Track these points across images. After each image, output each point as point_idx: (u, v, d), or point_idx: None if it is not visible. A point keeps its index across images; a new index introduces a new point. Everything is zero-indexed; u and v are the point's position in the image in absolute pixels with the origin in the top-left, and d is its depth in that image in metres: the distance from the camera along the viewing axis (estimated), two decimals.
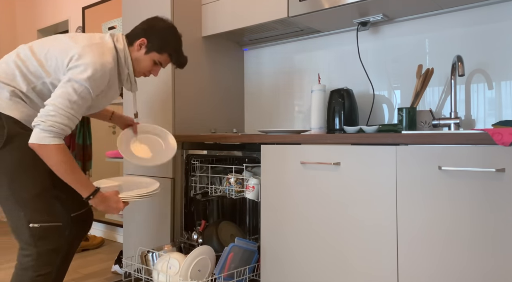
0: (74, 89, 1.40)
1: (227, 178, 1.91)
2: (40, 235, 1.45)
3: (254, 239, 2.22)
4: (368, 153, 1.43)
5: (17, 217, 1.44)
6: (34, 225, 1.44)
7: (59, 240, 1.50)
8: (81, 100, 1.42)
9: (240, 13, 2.12)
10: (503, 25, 1.70)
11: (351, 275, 1.47)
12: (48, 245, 1.47)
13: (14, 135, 1.44)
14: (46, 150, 1.37)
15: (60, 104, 1.38)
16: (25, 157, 1.45)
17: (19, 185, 1.44)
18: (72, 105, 1.40)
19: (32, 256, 1.45)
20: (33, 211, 1.45)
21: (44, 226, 1.46)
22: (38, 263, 1.45)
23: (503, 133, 1.15)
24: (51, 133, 1.36)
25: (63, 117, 1.38)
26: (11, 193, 1.43)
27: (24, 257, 1.46)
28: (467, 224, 1.24)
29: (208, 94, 2.32)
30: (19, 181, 1.44)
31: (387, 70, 2.01)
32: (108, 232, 3.44)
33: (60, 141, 1.39)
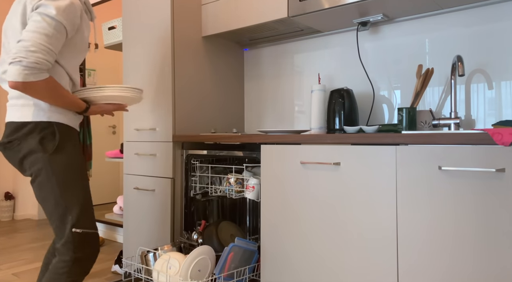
0: (48, 24, 1.36)
1: (227, 178, 1.91)
2: (81, 241, 1.45)
3: (254, 239, 2.22)
4: (368, 153, 1.43)
5: (63, 221, 1.44)
6: (76, 230, 1.44)
7: (95, 248, 1.51)
8: (58, 34, 1.38)
9: (240, 13, 2.12)
10: (503, 25, 1.70)
11: (351, 275, 1.47)
12: (85, 252, 1.47)
13: (65, 140, 1.46)
14: (35, 87, 1.34)
15: (38, 39, 1.33)
16: (75, 161, 1.47)
17: (71, 189, 1.45)
18: (50, 40, 1.36)
19: (69, 261, 1.44)
20: (79, 216, 1.45)
21: (86, 232, 1.46)
22: (73, 269, 1.45)
23: (503, 133, 1.15)
24: (35, 70, 1.32)
25: (45, 53, 1.34)
26: (62, 198, 1.44)
27: (60, 262, 1.45)
28: (467, 224, 1.24)
29: (208, 94, 2.32)
30: (70, 185, 1.45)
31: (387, 70, 2.01)
32: (108, 232, 3.44)
33: (47, 75, 1.36)
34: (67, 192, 1.44)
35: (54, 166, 1.43)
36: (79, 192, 1.47)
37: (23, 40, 1.33)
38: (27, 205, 4.32)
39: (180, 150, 2.11)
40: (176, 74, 2.14)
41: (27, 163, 1.45)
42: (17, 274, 2.55)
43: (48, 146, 1.43)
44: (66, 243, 1.44)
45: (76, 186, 1.46)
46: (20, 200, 4.34)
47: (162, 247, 1.89)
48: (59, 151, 1.44)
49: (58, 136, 1.44)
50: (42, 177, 1.43)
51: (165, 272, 1.68)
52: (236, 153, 1.90)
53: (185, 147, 2.12)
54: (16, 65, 1.30)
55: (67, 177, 1.45)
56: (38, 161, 1.43)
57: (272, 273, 1.69)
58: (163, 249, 1.87)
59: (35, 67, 1.32)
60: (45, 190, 1.44)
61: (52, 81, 1.39)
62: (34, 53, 1.32)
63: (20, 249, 3.14)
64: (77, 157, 1.49)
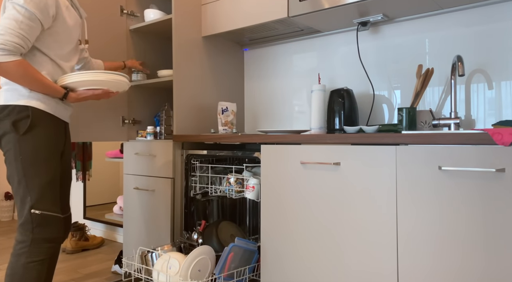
0: (17, 11, 1.43)
1: (227, 178, 1.91)
2: (39, 222, 1.49)
3: (254, 239, 2.22)
4: (368, 153, 1.43)
5: (23, 201, 1.49)
6: (35, 211, 1.48)
7: (56, 231, 1.53)
8: (28, 21, 1.45)
9: (240, 13, 2.12)
10: (503, 25, 1.70)
11: (352, 275, 1.47)
12: (44, 234, 1.50)
13: (37, 124, 1.52)
14: (5, 68, 1.42)
15: (7, 24, 1.42)
16: (44, 145, 1.53)
17: (34, 170, 1.50)
18: (20, 25, 1.43)
19: (26, 242, 1.48)
20: (39, 197, 1.50)
21: (45, 214, 1.50)
22: (32, 250, 1.48)
23: (503, 133, 1.15)
24: (4, 51, 1.40)
25: (13, 36, 1.41)
26: (25, 177, 1.49)
27: (18, 243, 1.50)
28: (467, 224, 1.24)
29: (208, 94, 2.32)
30: (34, 166, 1.50)
31: (387, 70, 2.01)
32: (108, 232, 3.44)
33: (18, 57, 1.43)
34: (30, 173, 1.50)
35: (22, 146, 1.49)
36: (43, 175, 1.51)
37: None
38: None
39: (180, 149, 2.11)
40: (176, 74, 2.14)
41: (2, 142, 1.53)
42: None
43: (20, 127, 1.50)
44: (25, 223, 1.48)
45: (41, 169, 1.51)
46: None
47: (162, 247, 1.89)
48: (29, 133, 1.50)
49: (30, 119, 1.50)
50: (10, 156, 1.50)
51: (165, 272, 1.68)
52: (236, 153, 1.90)
53: (185, 147, 2.12)
54: None
55: (33, 158, 1.50)
56: (10, 140, 1.50)
57: (272, 273, 1.69)
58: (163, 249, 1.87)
59: (3, 49, 1.39)
60: (11, 168, 1.50)
61: (24, 64, 1.45)
62: (2, 36, 1.40)
63: None
64: (48, 142, 1.55)
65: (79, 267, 2.70)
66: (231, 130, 2.16)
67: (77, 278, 2.49)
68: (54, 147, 1.57)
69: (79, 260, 2.84)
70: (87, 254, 2.99)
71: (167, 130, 2.28)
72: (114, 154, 3.01)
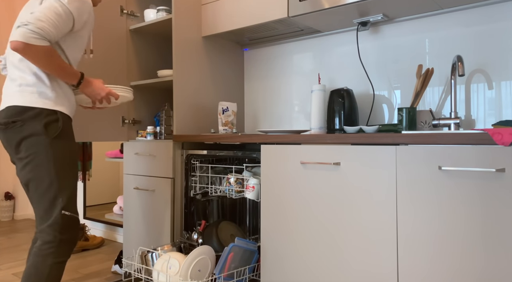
0: (60, 5, 1.49)
1: (227, 178, 1.91)
2: (67, 224, 1.54)
3: (254, 239, 2.22)
4: (368, 153, 1.43)
5: (53, 203, 1.52)
6: (65, 213, 1.53)
7: (77, 232, 1.59)
8: (66, 18, 1.51)
9: (240, 13, 2.12)
10: (503, 25, 1.70)
11: (352, 274, 1.47)
12: (70, 235, 1.55)
13: (65, 129, 1.57)
14: (35, 50, 1.44)
15: (48, 14, 1.46)
16: (71, 150, 1.59)
17: (65, 173, 1.55)
18: (58, 19, 1.49)
19: (54, 242, 1.51)
20: (69, 200, 1.55)
21: (72, 216, 1.56)
22: (59, 250, 1.52)
23: (503, 133, 1.15)
24: (39, 35, 1.43)
25: (51, 25, 1.46)
26: (57, 179, 1.53)
27: (44, 244, 1.51)
28: (467, 223, 1.24)
29: (208, 94, 2.32)
30: (66, 169, 1.56)
31: (387, 70, 2.01)
32: (108, 232, 3.44)
33: (48, 43, 1.47)
34: (61, 176, 1.54)
35: (55, 149, 1.53)
36: (70, 179, 1.57)
37: (35, 12, 1.45)
38: (27, 205, 4.32)
39: (180, 149, 2.11)
40: (176, 74, 2.14)
41: (26, 144, 1.53)
42: (17, 274, 2.55)
43: (51, 130, 1.53)
44: (53, 224, 1.51)
45: (69, 172, 1.57)
46: (20, 200, 4.34)
47: (162, 247, 1.89)
48: (60, 137, 1.55)
49: (61, 124, 1.55)
50: (41, 158, 1.52)
51: (165, 272, 1.68)
52: (236, 153, 1.90)
53: (185, 147, 2.12)
54: (23, 28, 1.40)
55: (64, 162, 1.55)
56: (39, 143, 1.52)
57: (272, 273, 1.69)
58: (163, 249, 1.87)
59: (39, 33, 1.42)
60: (42, 171, 1.52)
61: (52, 50, 1.49)
62: (42, 22, 1.44)
63: (20, 249, 3.14)
64: (74, 146, 1.61)
65: (79, 267, 2.70)
66: (231, 130, 2.16)
67: (77, 278, 2.50)
68: (77, 150, 1.64)
69: (79, 260, 2.85)
70: (87, 254, 2.99)
71: (167, 130, 2.28)
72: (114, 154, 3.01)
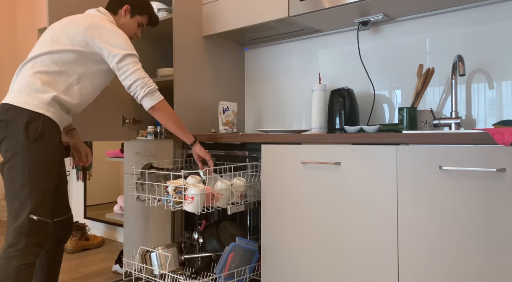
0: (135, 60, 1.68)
1: (165, 186, 1.65)
2: (34, 228, 1.54)
3: (255, 238, 2.22)
4: (368, 152, 1.43)
5: (22, 206, 1.53)
6: (33, 217, 1.53)
7: (45, 236, 1.59)
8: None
9: (240, 12, 2.12)
10: (503, 25, 1.70)
11: (352, 274, 1.47)
12: (37, 239, 1.55)
13: (46, 133, 1.57)
14: (165, 105, 1.69)
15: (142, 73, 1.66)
16: (49, 154, 1.58)
17: (39, 177, 1.55)
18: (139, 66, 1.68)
19: (20, 245, 1.52)
20: (38, 204, 1.55)
21: (41, 220, 1.56)
22: (24, 253, 1.52)
23: (503, 133, 1.15)
24: (156, 91, 1.67)
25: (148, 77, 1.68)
26: (29, 183, 1.54)
27: (10, 246, 1.52)
28: (467, 223, 1.24)
29: (208, 93, 2.32)
30: (40, 173, 1.56)
31: (387, 70, 2.01)
32: (109, 232, 3.44)
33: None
34: (36, 180, 1.54)
35: (32, 152, 1.54)
36: (44, 183, 1.57)
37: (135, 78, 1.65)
38: None
39: (180, 149, 2.11)
40: (176, 73, 2.14)
41: (5, 144, 1.55)
42: None
43: (31, 133, 1.54)
44: (20, 227, 1.52)
45: (43, 177, 1.57)
46: None
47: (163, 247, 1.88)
48: (39, 141, 1.56)
49: (41, 127, 1.56)
50: (17, 160, 1.53)
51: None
52: (236, 152, 1.90)
53: (185, 147, 2.12)
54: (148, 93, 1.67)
55: (40, 165, 1.55)
56: (18, 144, 1.53)
57: (272, 272, 1.69)
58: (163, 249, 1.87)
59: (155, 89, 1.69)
60: (17, 172, 1.54)
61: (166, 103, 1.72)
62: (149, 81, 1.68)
63: None
64: (53, 151, 1.61)
65: (79, 266, 2.70)
66: (231, 130, 2.16)
67: (77, 277, 2.50)
68: (57, 156, 1.63)
69: (80, 260, 2.85)
70: (87, 254, 2.99)
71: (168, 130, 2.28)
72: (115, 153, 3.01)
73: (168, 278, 1.73)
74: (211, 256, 1.85)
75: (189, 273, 1.85)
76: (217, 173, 1.80)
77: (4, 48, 4.30)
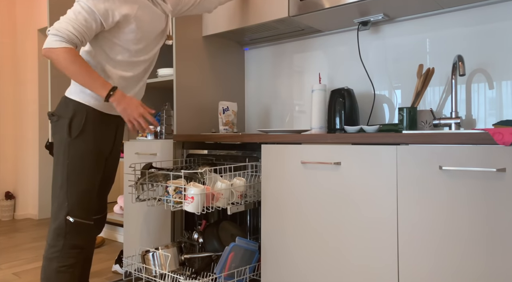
0: (80, 5, 1.46)
1: (165, 186, 1.66)
2: (72, 229, 1.51)
3: (255, 238, 2.22)
4: (368, 152, 1.43)
5: (61, 207, 1.50)
6: (69, 219, 1.50)
7: (86, 238, 1.56)
8: (86, 15, 1.45)
9: (240, 12, 2.12)
10: (503, 25, 1.70)
11: (352, 274, 1.47)
12: (75, 240, 1.52)
13: (88, 127, 1.52)
14: (55, 53, 1.42)
15: (67, 16, 1.46)
16: (92, 152, 1.53)
17: (77, 177, 1.51)
18: (77, 16, 1.45)
19: (58, 247, 1.50)
20: (75, 205, 1.51)
21: (78, 221, 1.52)
22: (63, 254, 1.50)
23: (504, 133, 1.15)
24: (57, 37, 1.42)
25: (68, 25, 1.43)
26: (67, 183, 1.50)
27: (50, 247, 1.51)
28: (467, 223, 1.24)
29: (208, 93, 2.32)
30: (78, 173, 1.51)
31: (387, 70, 2.01)
32: (109, 232, 3.44)
33: (68, 45, 1.43)
34: (73, 180, 1.50)
35: (72, 150, 1.50)
36: (84, 182, 1.52)
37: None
38: (27, 204, 4.32)
39: (180, 149, 2.11)
40: (176, 73, 2.14)
41: (55, 140, 1.53)
42: (17, 274, 2.55)
43: (73, 130, 1.50)
44: (58, 228, 1.50)
45: (84, 176, 1.52)
46: (20, 200, 4.34)
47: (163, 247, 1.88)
48: (80, 137, 1.51)
49: (83, 122, 1.51)
50: (59, 157, 1.51)
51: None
52: (236, 152, 1.90)
53: (185, 147, 2.12)
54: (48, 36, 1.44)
55: (79, 165, 1.51)
56: (61, 141, 1.50)
57: (272, 272, 1.69)
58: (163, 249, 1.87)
59: (56, 34, 1.42)
60: (57, 170, 1.51)
61: (73, 52, 1.43)
62: (59, 23, 1.44)
63: (20, 248, 3.14)
64: (96, 148, 1.55)
65: None
66: (231, 130, 2.16)
67: None
68: (101, 153, 1.57)
69: None
70: None
71: (168, 130, 2.28)
72: None
73: (168, 278, 1.73)
74: (211, 256, 1.85)
75: (189, 273, 1.85)
76: (217, 173, 1.80)
77: (4, 48, 4.30)
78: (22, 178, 4.34)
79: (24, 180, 4.33)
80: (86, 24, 1.45)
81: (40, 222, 4.09)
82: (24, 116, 4.32)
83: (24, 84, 4.32)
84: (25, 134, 4.32)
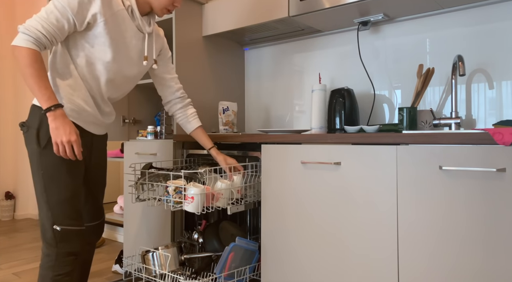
0: (54, 4, 1.41)
1: (165, 186, 1.65)
2: (62, 238, 1.48)
3: (255, 238, 2.22)
4: (368, 152, 1.43)
5: (46, 217, 1.48)
6: (56, 228, 1.47)
7: (78, 244, 1.52)
8: (59, 14, 1.40)
9: (240, 12, 2.12)
10: (503, 24, 1.70)
11: (352, 274, 1.47)
12: (68, 248, 1.49)
13: None
14: (18, 51, 1.37)
15: (39, 14, 1.40)
16: (63, 159, 1.47)
17: (54, 186, 1.47)
18: (49, 16, 1.39)
19: (52, 256, 1.48)
20: (59, 213, 1.48)
21: (66, 229, 1.49)
22: (58, 263, 1.48)
23: (503, 133, 1.15)
24: (25, 35, 1.37)
25: (38, 24, 1.38)
26: (45, 193, 1.47)
27: (45, 256, 1.49)
28: (467, 223, 1.24)
29: (208, 93, 2.32)
30: (55, 182, 1.47)
31: (387, 69, 2.01)
32: (109, 232, 3.44)
33: (34, 47, 1.38)
34: (51, 189, 1.47)
35: (43, 160, 1.46)
36: (63, 190, 1.48)
37: None
38: (27, 204, 4.32)
39: (180, 149, 2.11)
40: (177, 73, 2.14)
41: (28, 152, 1.51)
42: (17, 274, 2.55)
43: (41, 139, 1.46)
44: (48, 238, 1.48)
45: (61, 184, 1.47)
46: (20, 200, 4.34)
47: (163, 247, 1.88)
48: (50, 146, 1.45)
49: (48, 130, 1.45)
50: (33, 168, 1.49)
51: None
52: (236, 152, 1.90)
53: (185, 147, 2.12)
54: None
55: (53, 173, 1.46)
56: (33, 152, 1.48)
57: (272, 272, 1.69)
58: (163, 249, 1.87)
59: (24, 32, 1.37)
60: (34, 180, 1.49)
61: (36, 56, 1.38)
62: (29, 21, 1.39)
63: (20, 248, 3.14)
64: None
65: None
66: (231, 130, 2.16)
67: None
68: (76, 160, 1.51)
69: None
70: None
71: (168, 130, 2.28)
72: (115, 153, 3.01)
73: (168, 278, 1.73)
74: (211, 256, 1.85)
75: (189, 273, 1.85)
76: (217, 173, 1.80)
77: (4, 48, 4.30)
78: (22, 178, 4.35)
79: (24, 180, 4.33)
80: (57, 24, 1.41)
81: None
82: (24, 116, 4.32)
83: (24, 84, 4.33)
84: None
